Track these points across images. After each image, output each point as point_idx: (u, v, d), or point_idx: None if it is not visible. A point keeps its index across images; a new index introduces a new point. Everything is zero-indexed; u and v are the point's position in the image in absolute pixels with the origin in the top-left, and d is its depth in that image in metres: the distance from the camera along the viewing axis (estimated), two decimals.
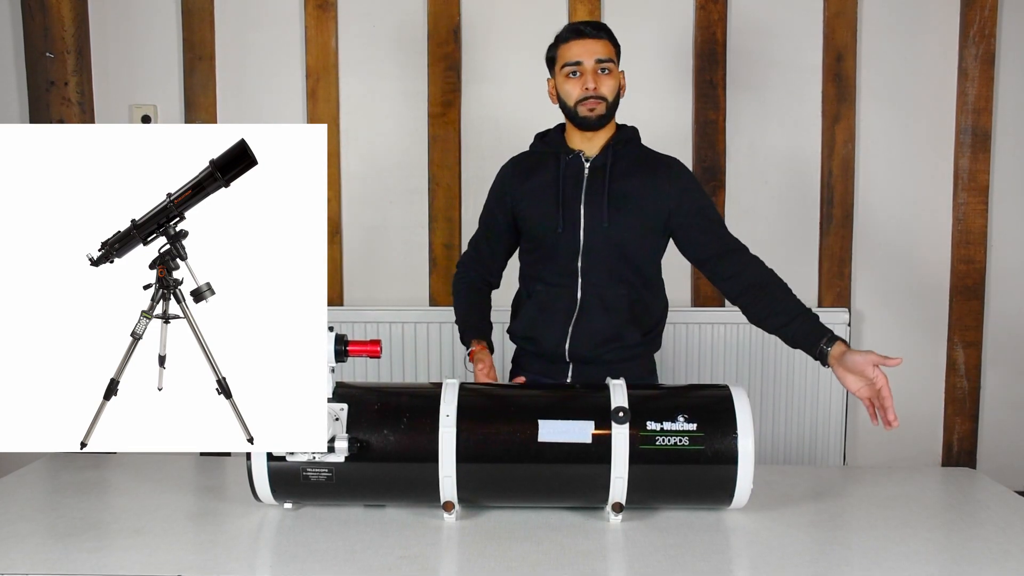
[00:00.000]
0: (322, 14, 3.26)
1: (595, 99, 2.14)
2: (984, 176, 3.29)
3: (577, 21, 2.22)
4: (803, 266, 3.35)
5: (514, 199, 2.26)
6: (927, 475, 2.24)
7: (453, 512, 1.77)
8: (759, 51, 3.28)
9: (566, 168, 2.21)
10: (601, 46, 2.16)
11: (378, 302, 3.33)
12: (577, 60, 2.15)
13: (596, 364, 2.19)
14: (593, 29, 2.17)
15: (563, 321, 2.20)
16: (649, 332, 2.25)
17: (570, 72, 2.16)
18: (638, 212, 2.17)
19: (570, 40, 2.17)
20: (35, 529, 1.76)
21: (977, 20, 3.22)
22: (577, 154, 2.21)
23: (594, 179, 2.19)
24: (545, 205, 2.20)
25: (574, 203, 2.18)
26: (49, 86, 3.24)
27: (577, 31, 2.17)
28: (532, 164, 2.28)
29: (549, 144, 2.27)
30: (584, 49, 2.15)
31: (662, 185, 2.20)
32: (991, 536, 1.75)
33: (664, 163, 2.25)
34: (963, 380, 3.37)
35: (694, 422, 1.73)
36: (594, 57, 2.15)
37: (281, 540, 1.72)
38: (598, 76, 2.15)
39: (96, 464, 2.20)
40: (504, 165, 2.35)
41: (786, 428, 3.31)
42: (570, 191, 2.19)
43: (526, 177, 2.26)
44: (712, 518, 1.81)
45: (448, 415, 1.74)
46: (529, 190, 2.24)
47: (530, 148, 2.33)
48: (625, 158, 2.22)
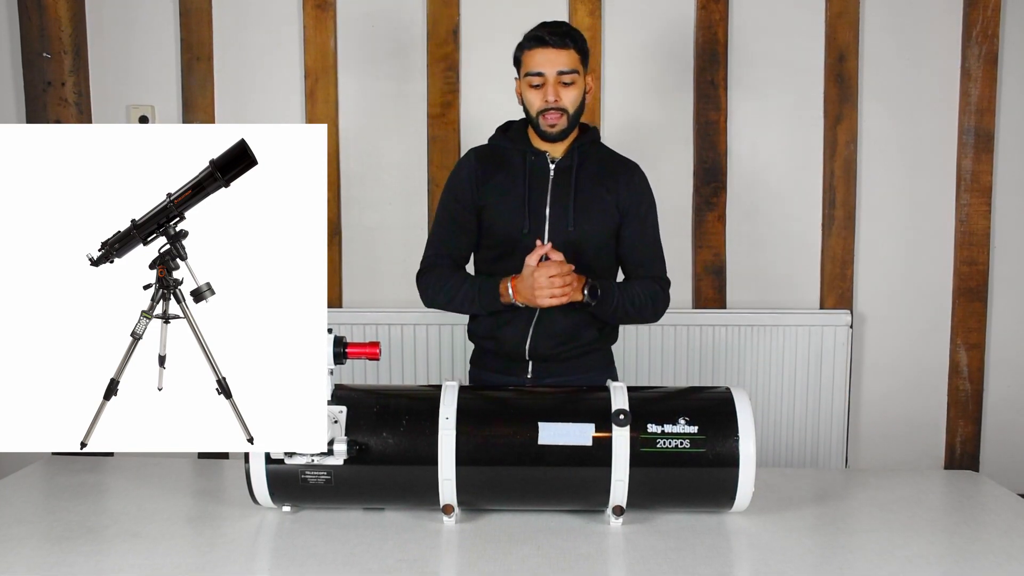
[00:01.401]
0: (321, 14, 3.25)
1: (556, 111, 2.15)
2: (987, 177, 3.28)
3: (543, 26, 2.18)
4: (805, 268, 3.34)
5: (481, 192, 2.25)
6: (930, 478, 2.23)
7: (453, 515, 1.76)
8: (761, 51, 3.27)
9: (531, 168, 2.23)
10: (565, 56, 2.14)
11: (377, 304, 3.32)
12: (538, 71, 2.15)
13: (555, 361, 2.24)
14: (558, 37, 2.14)
15: (524, 321, 2.22)
16: (605, 327, 2.29)
17: (532, 82, 2.17)
18: (601, 217, 2.21)
19: (534, 48, 2.16)
20: (32, 532, 1.75)
21: (980, 20, 3.21)
22: (542, 155, 2.23)
23: (560, 182, 2.22)
24: (511, 205, 2.21)
25: (540, 205, 2.21)
26: (46, 86, 3.23)
27: (540, 40, 2.15)
28: (497, 160, 2.27)
29: (514, 141, 2.26)
30: (546, 59, 2.14)
31: (621, 188, 2.24)
32: (994, 539, 1.74)
33: (625, 167, 2.30)
34: (966, 382, 3.36)
35: (695, 424, 1.73)
36: (556, 69, 2.14)
37: (279, 543, 1.71)
38: (559, 88, 2.15)
39: (93, 467, 2.19)
40: (466, 156, 2.33)
41: (788, 430, 3.30)
42: (535, 193, 2.21)
43: (492, 172, 2.25)
44: (713, 521, 1.81)
45: (448, 417, 1.73)
46: (495, 186, 2.24)
47: (491, 141, 2.32)
48: (589, 161, 2.25)
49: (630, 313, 2.21)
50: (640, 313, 2.23)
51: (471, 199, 2.26)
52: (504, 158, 2.27)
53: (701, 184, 3.30)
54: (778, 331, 3.27)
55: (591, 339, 2.25)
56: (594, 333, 2.25)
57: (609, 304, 2.16)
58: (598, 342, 2.28)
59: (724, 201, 3.31)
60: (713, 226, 3.31)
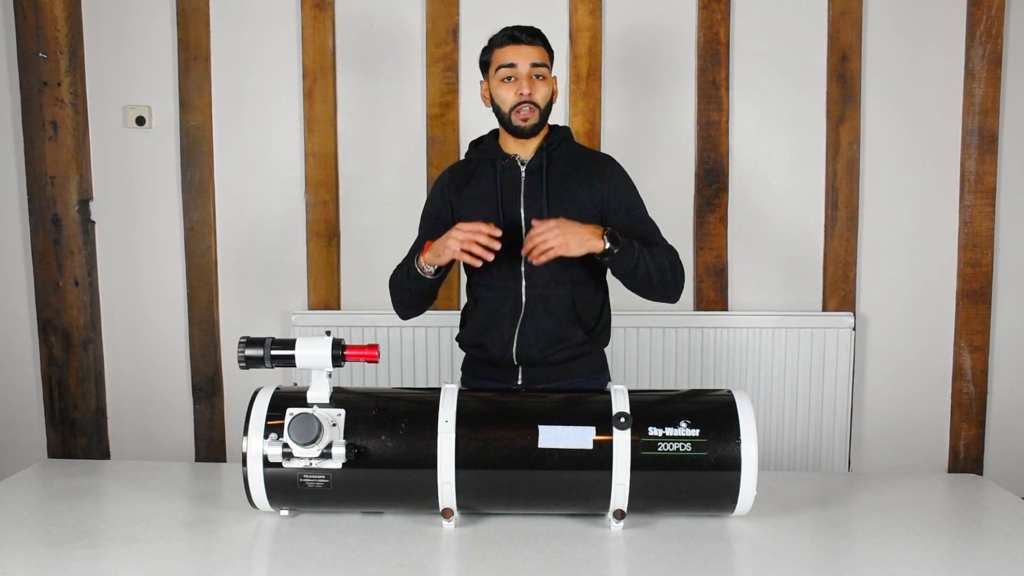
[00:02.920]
0: (319, 13, 3.24)
1: (529, 105, 2.16)
2: (991, 178, 3.27)
3: (513, 26, 2.21)
4: (807, 269, 3.33)
5: (453, 208, 2.27)
6: (933, 481, 2.22)
7: (452, 519, 1.76)
8: (763, 51, 3.26)
9: (503, 173, 2.24)
10: (536, 52, 2.19)
11: (376, 306, 3.30)
12: (512, 63, 2.17)
13: (544, 366, 2.22)
14: (528, 35, 2.19)
15: (509, 325, 2.21)
16: (593, 329, 2.26)
17: (505, 76, 2.18)
18: (577, 212, 2.18)
19: (506, 45, 2.19)
20: (27, 536, 1.75)
21: (984, 20, 3.19)
22: (512, 158, 2.24)
23: (531, 182, 2.22)
24: (485, 211, 2.21)
25: (513, 208, 2.21)
26: (42, 86, 3.23)
27: (513, 37, 2.19)
28: (469, 172, 2.30)
29: (484, 151, 2.29)
30: (518, 53, 2.17)
31: (596, 182, 2.23)
32: (998, 544, 1.73)
33: (598, 160, 2.29)
34: (970, 385, 3.35)
35: (697, 428, 1.73)
36: (529, 62, 2.17)
37: (277, 548, 1.71)
38: (532, 82, 2.17)
39: (89, 471, 2.19)
40: (440, 175, 2.37)
41: (790, 433, 3.28)
42: (509, 196, 2.22)
43: (463, 185, 2.28)
44: (715, 525, 1.80)
45: (447, 420, 1.73)
46: (468, 198, 2.25)
47: (466, 156, 2.36)
48: (560, 158, 2.25)
49: (651, 270, 2.12)
50: (660, 270, 2.14)
51: (445, 215, 2.28)
52: (477, 168, 2.29)
53: (703, 185, 3.29)
54: (780, 333, 3.25)
55: (579, 340, 2.21)
56: (581, 335, 2.21)
57: (631, 254, 2.08)
58: (587, 344, 2.24)
59: (726, 202, 3.30)
60: (715, 227, 3.30)
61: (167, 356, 3.40)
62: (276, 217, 3.33)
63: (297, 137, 3.29)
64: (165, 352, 3.40)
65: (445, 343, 3.23)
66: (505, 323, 2.21)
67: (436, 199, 2.33)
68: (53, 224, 3.30)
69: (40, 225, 3.31)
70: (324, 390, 1.76)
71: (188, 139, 3.29)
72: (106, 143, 3.32)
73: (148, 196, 3.34)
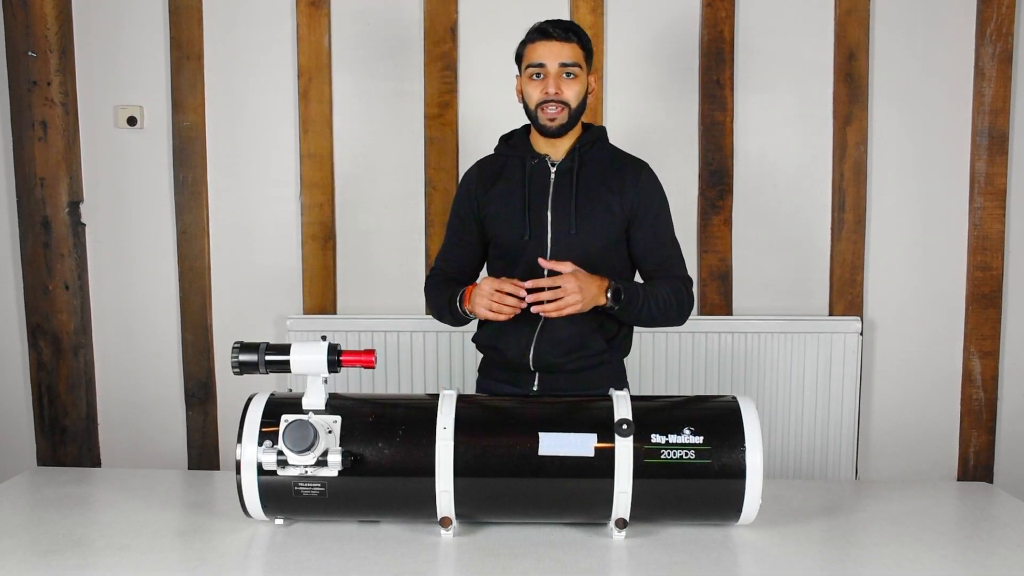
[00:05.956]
0: (314, 11, 3.22)
1: (556, 104, 2.13)
2: (1001, 179, 3.24)
3: (546, 21, 2.18)
4: (814, 273, 3.31)
5: (481, 204, 2.25)
6: (942, 490, 2.22)
7: (451, 528, 1.76)
8: (768, 50, 3.23)
9: (532, 173, 2.21)
10: (568, 49, 2.13)
11: (373, 310, 3.28)
12: (540, 62, 2.14)
13: (561, 373, 2.19)
14: (561, 31, 2.14)
15: (527, 330, 2.18)
16: (614, 338, 2.24)
17: (533, 74, 2.15)
18: (605, 218, 2.17)
19: (536, 41, 2.15)
20: (17, 545, 1.74)
21: (994, 18, 3.17)
22: (543, 158, 2.21)
23: (560, 184, 2.19)
24: (511, 211, 2.19)
25: (541, 210, 2.18)
26: (31, 86, 3.20)
27: (544, 32, 2.15)
28: (498, 168, 2.27)
29: (514, 148, 2.26)
30: (549, 51, 2.13)
31: (628, 190, 2.20)
32: (1009, 553, 1.73)
33: (633, 166, 2.25)
34: (980, 391, 3.32)
35: (701, 435, 1.72)
36: (558, 60, 2.13)
37: (272, 557, 1.71)
38: (561, 80, 2.13)
39: (80, 479, 2.19)
40: (469, 169, 2.34)
41: (796, 441, 3.26)
42: (536, 197, 2.19)
43: (492, 182, 2.25)
44: (719, 534, 1.80)
45: (445, 427, 1.72)
46: (495, 195, 2.23)
47: (495, 151, 2.32)
48: (592, 161, 2.22)
49: (655, 316, 2.14)
50: (666, 315, 2.15)
51: (472, 212, 2.27)
52: (506, 165, 2.26)
53: (706, 187, 3.26)
54: (786, 338, 3.22)
55: (599, 349, 2.19)
56: (601, 343, 2.19)
57: (634, 307, 2.10)
58: (607, 353, 2.21)
59: (730, 204, 3.27)
60: (719, 230, 3.27)
61: (159, 361, 3.37)
62: (271, 219, 3.31)
63: (292, 137, 3.27)
64: (157, 357, 3.37)
65: (443, 349, 3.20)
66: (523, 328, 2.17)
67: (463, 197, 2.30)
68: (42, 227, 3.26)
69: (29, 228, 3.28)
70: (320, 396, 1.76)
71: (180, 140, 3.27)
72: (97, 144, 3.29)
73: (140, 198, 3.31)
